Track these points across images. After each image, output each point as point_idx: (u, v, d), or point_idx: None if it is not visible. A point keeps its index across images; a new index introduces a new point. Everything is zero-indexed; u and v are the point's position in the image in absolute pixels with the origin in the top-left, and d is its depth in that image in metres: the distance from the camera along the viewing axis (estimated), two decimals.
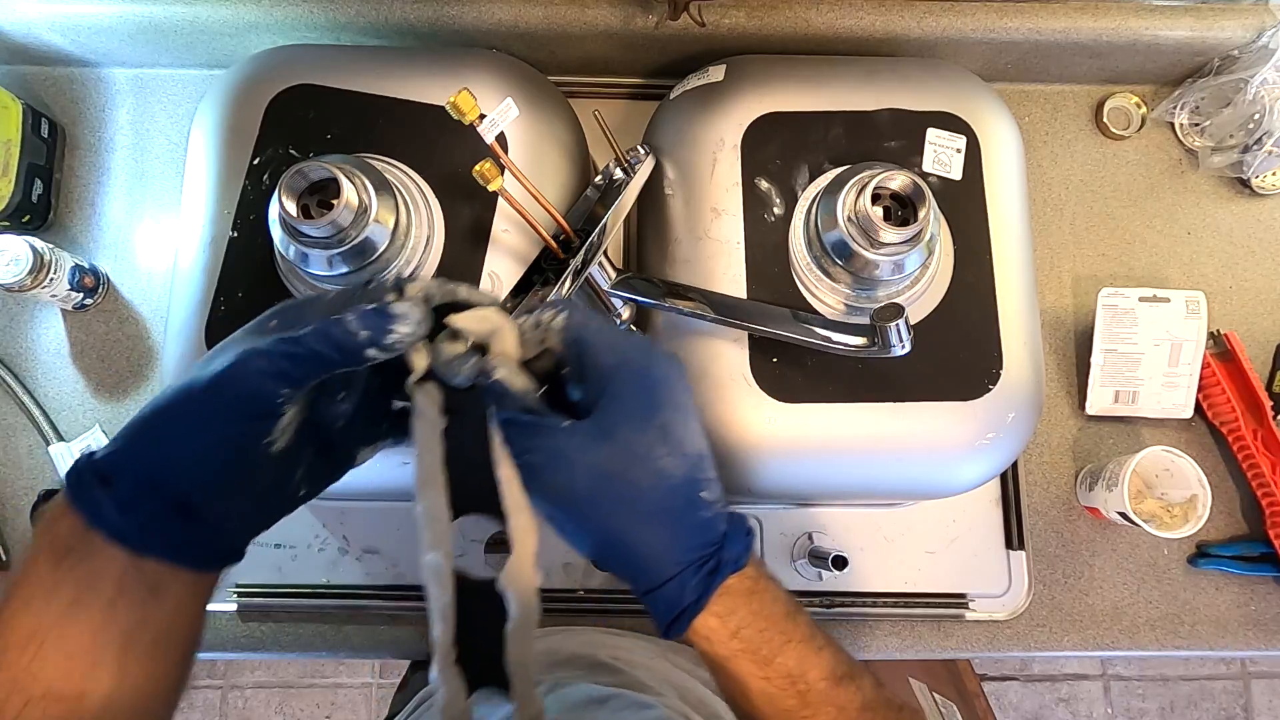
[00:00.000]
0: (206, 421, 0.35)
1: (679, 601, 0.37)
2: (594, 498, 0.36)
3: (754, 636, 0.38)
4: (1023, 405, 0.61)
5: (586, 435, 0.36)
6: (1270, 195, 0.85)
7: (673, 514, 0.37)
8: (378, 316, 0.35)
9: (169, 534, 0.35)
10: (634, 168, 0.65)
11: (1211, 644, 0.78)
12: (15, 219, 0.80)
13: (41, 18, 0.79)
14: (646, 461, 0.36)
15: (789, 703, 0.38)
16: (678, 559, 0.37)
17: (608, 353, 0.38)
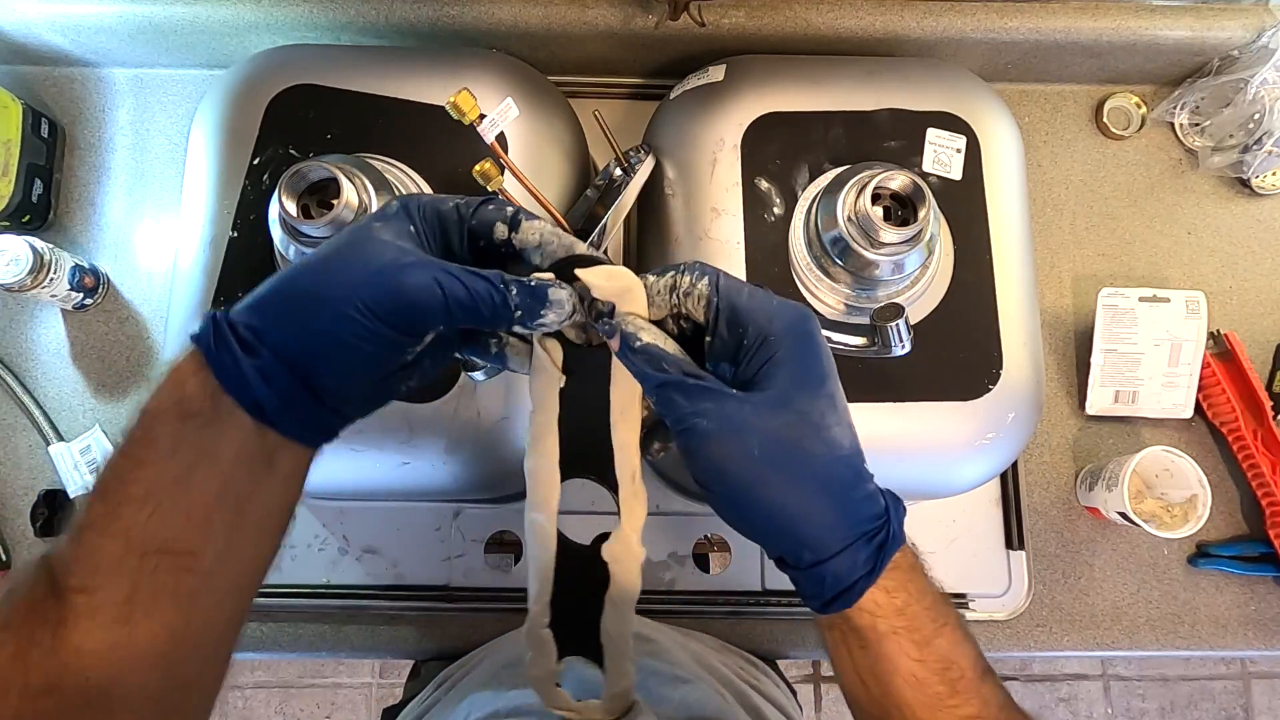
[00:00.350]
0: (362, 320, 0.34)
1: (851, 574, 0.35)
2: (766, 468, 0.35)
3: (919, 614, 0.37)
4: (1023, 405, 0.61)
5: (762, 402, 0.35)
6: (1270, 195, 0.85)
7: (844, 485, 0.36)
8: (534, 298, 0.36)
9: (300, 410, 0.35)
10: (634, 168, 0.65)
11: (1211, 644, 0.78)
12: (15, 219, 0.80)
13: (41, 18, 0.79)
14: (820, 431, 0.35)
15: (938, 689, 0.36)
16: (849, 531, 0.35)
17: (766, 317, 0.36)
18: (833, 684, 1.70)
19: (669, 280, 0.38)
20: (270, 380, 0.34)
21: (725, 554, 0.77)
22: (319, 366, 0.35)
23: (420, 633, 0.76)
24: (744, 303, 0.37)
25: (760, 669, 0.72)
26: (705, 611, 0.76)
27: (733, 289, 0.37)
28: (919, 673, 0.36)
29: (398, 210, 0.37)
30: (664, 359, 0.36)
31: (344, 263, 0.35)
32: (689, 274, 0.38)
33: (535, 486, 0.41)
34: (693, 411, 0.35)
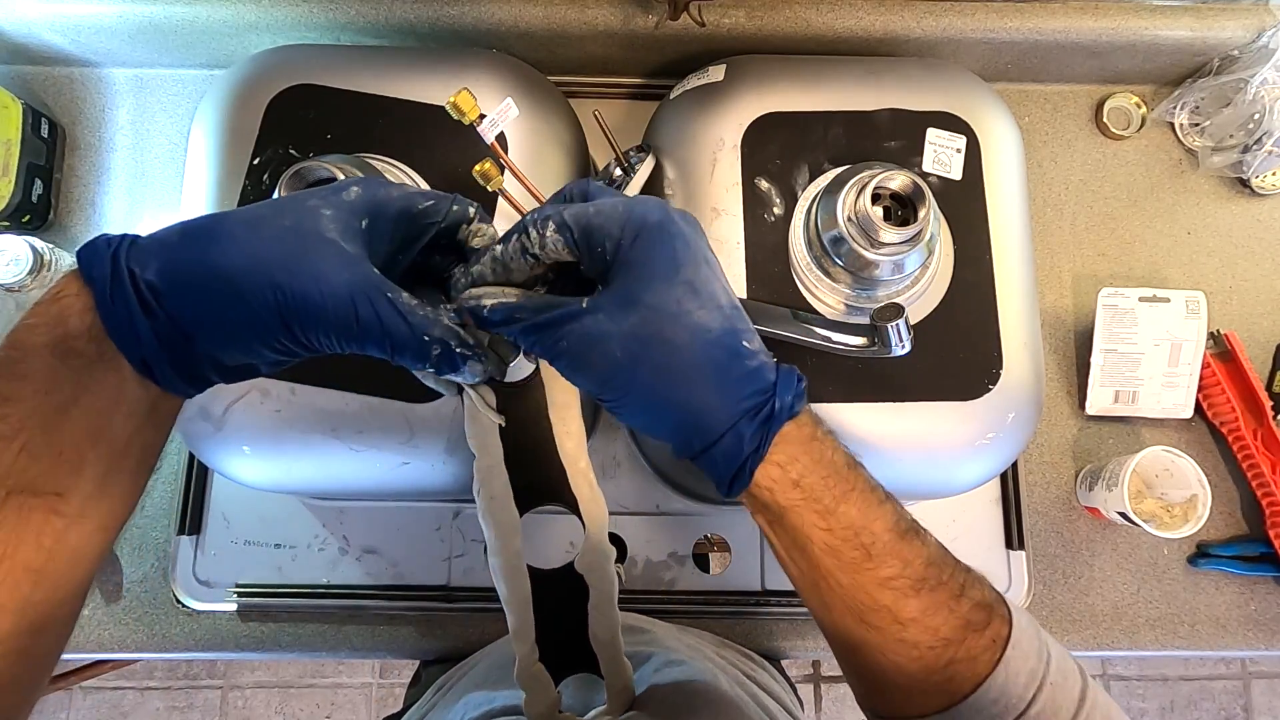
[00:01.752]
0: (279, 331, 0.34)
1: (739, 453, 0.36)
2: (634, 365, 0.35)
3: (816, 484, 0.37)
4: (1023, 405, 0.61)
5: (611, 305, 0.35)
6: (1270, 195, 0.85)
7: (718, 366, 0.36)
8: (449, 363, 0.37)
9: (188, 370, 0.35)
10: (634, 168, 0.65)
11: (1211, 644, 0.78)
12: (15, 219, 0.80)
13: (41, 18, 0.79)
14: (679, 318, 0.35)
15: (852, 555, 0.37)
16: (731, 411, 0.35)
17: (616, 224, 0.36)
18: (833, 684, 1.70)
19: (516, 243, 0.38)
20: (164, 344, 0.33)
21: (725, 554, 0.77)
22: (216, 344, 0.34)
23: (420, 633, 0.76)
24: (591, 220, 0.37)
25: (758, 663, 0.72)
26: (705, 611, 0.76)
27: (579, 214, 0.37)
28: (829, 540, 0.37)
29: (356, 201, 0.36)
30: (514, 310, 0.37)
31: (279, 258, 0.33)
32: (533, 228, 0.38)
33: (494, 531, 0.42)
34: (552, 338, 0.35)
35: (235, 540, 0.77)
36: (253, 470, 0.61)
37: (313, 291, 0.33)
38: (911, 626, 0.36)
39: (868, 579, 0.37)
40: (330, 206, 0.35)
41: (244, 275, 0.33)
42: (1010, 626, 0.37)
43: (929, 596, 0.37)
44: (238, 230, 0.34)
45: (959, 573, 0.38)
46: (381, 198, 0.37)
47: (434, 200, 0.38)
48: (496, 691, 0.55)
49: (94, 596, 0.77)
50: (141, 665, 1.67)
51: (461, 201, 0.39)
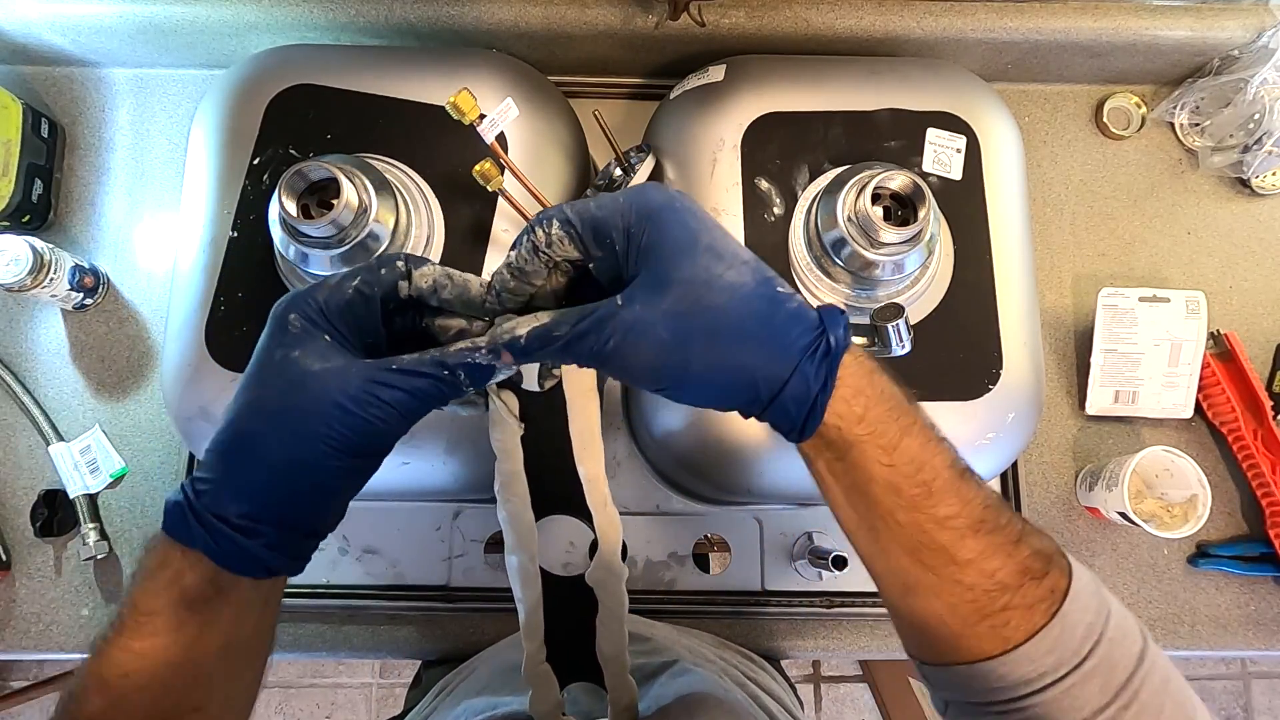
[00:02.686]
0: (341, 467, 0.36)
1: (807, 393, 0.36)
2: (684, 343, 0.35)
3: (881, 417, 0.37)
4: (1023, 405, 0.61)
5: (644, 292, 0.35)
6: (1270, 195, 0.85)
7: (763, 317, 0.36)
8: (479, 374, 0.38)
9: (303, 555, 0.38)
10: (634, 168, 0.65)
11: (1211, 644, 0.78)
12: (15, 219, 0.80)
13: (41, 18, 0.79)
14: (712, 283, 0.35)
15: (913, 491, 0.36)
16: (789, 354, 0.36)
17: (620, 215, 0.37)
18: (833, 684, 1.70)
19: (527, 244, 0.38)
20: (278, 549, 0.36)
21: (725, 554, 0.77)
22: (311, 517, 0.37)
23: (420, 633, 0.76)
24: (595, 214, 0.37)
25: (758, 664, 0.72)
26: (705, 611, 0.76)
27: (581, 210, 0.38)
28: (891, 477, 0.37)
29: (304, 326, 0.37)
30: (551, 329, 0.37)
31: (298, 417, 0.35)
32: (540, 227, 0.38)
33: (512, 531, 0.42)
34: (597, 343, 0.35)
35: None
36: None
37: (343, 418, 0.35)
38: (968, 568, 0.36)
39: (926, 517, 0.37)
40: (289, 344, 0.37)
41: (295, 457, 0.36)
42: (1069, 579, 0.37)
43: (986, 539, 0.37)
44: (258, 427, 0.36)
45: (1017, 520, 0.38)
46: (314, 304, 0.37)
47: (360, 277, 0.38)
48: (498, 697, 0.55)
49: (94, 596, 0.77)
50: None
51: (386, 261, 0.39)
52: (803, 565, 0.76)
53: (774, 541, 0.77)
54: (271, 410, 0.36)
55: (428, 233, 0.60)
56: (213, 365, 0.59)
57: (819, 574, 0.75)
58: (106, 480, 0.78)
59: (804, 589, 0.76)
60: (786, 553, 0.76)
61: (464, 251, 0.61)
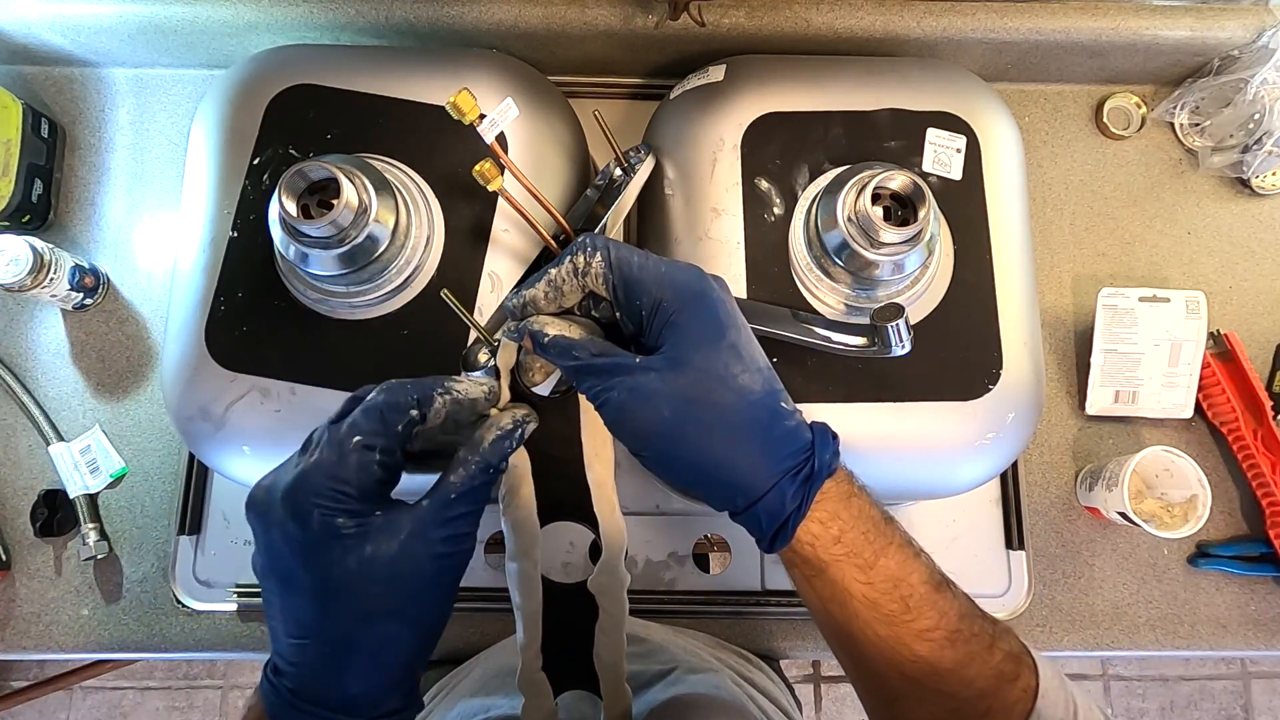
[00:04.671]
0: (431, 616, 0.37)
1: (781, 511, 0.36)
2: (681, 425, 0.36)
3: (857, 540, 0.37)
4: (1023, 405, 0.61)
5: (663, 367, 0.36)
6: (1270, 195, 0.85)
7: (760, 427, 0.37)
8: (504, 440, 0.38)
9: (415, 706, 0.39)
10: (634, 168, 0.65)
11: (1211, 644, 0.78)
12: (15, 219, 0.80)
13: (41, 18, 0.79)
14: (726, 381, 0.36)
15: (891, 607, 0.37)
16: (772, 470, 0.36)
17: (657, 284, 0.38)
18: (833, 684, 1.70)
19: (569, 266, 0.39)
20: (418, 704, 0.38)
21: (725, 554, 0.77)
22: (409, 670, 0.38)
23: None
24: (634, 274, 0.38)
25: (755, 665, 0.72)
26: (705, 611, 0.76)
27: (623, 262, 0.38)
28: (869, 594, 0.37)
29: (357, 525, 0.35)
30: (573, 346, 0.38)
31: (414, 603, 0.36)
32: (583, 251, 0.39)
33: (516, 536, 0.42)
34: (605, 387, 0.36)
35: (235, 540, 0.77)
36: (253, 470, 0.61)
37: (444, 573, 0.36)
38: (948, 678, 0.37)
39: (905, 631, 0.37)
40: (365, 542, 0.35)
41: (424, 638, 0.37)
42: (1037, 677, 0.38)
43: (964, 648, 0.38)
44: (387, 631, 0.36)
45: (988, 624, 0.39)
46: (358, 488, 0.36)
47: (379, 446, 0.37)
48: (492, 699, 0.55)
49: (94, 596, 0.77)
50: (141, 665, 1.67)
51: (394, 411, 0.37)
52: None
53: None
54: (381, 611, 0.35)
55: (428, 233, 0.60)
56: (213, 365, 0.59)
57: None
58: (106, 480, 0.78)
59: None
60: None
61: (464, 252, 0.61)
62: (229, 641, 0.76)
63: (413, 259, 0.59)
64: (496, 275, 0.61)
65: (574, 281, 0.39)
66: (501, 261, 0.61)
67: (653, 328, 0.38)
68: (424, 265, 0.60)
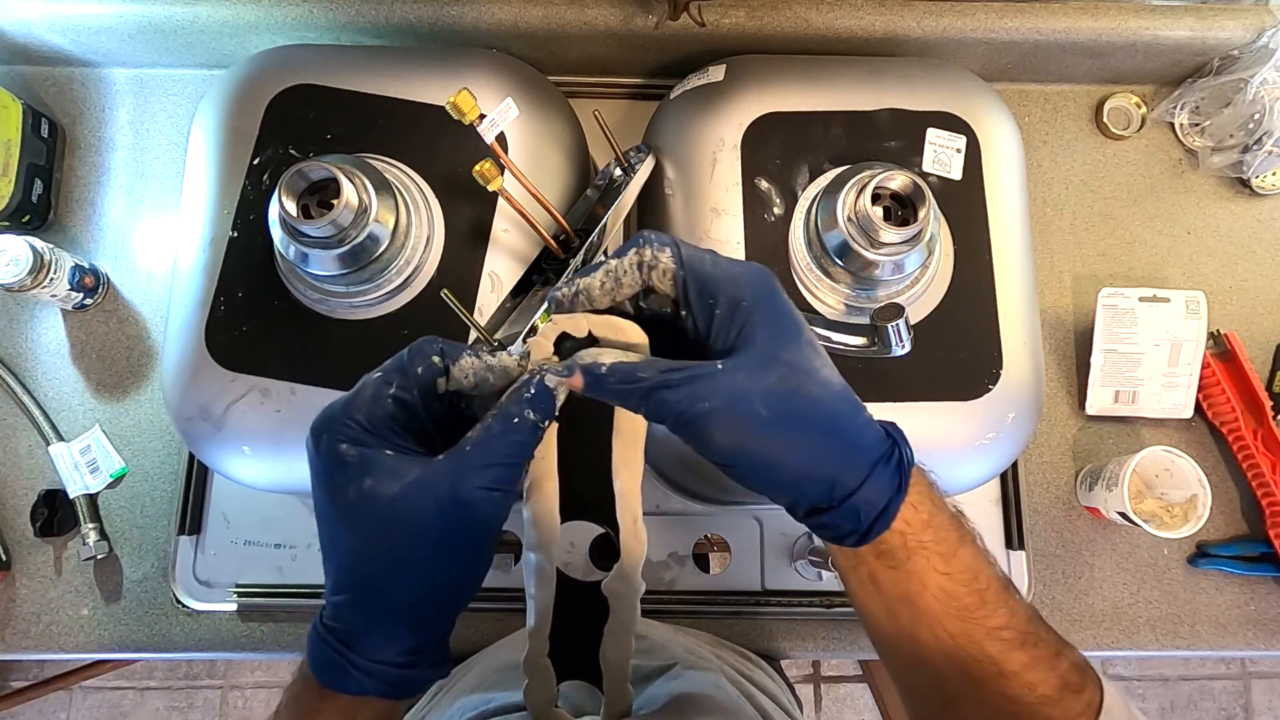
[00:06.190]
0: (462, 570, 0.37)
1: (882, 496, 0.36)
2: (779, 425, 0.35)
3: (944, 524, 0.37)
4: (1023, 405, 0.61)
5: (753, 366, 0.35)
6: (1270, 195, 0.85)
7: (849, 419, 0.36)
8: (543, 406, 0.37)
9: (448, 652, 0.40)
10: (634, 168, 0.65)
11: (1211, 644, 0.78)
12: (15, 219, 0.80)
13: (41, 18, 0.79)
14: (813, 375, 0.36)
15: (968, 600, 0.37)
16: (868, 457, 0.36)
17: (733, 283, 0.37)
18: (833, 684, 1.70)
19: (633, 257, 0.38)
20: (438, 661, 0.39)
21: (725, 554, 0.77)
22: (450, 618, 0.40)
23: None
24: (709, 271, 0.37)
25: (755, 663, 0.72)
26: (705, 611, 0.76)
27: (695, 259, 0.37)
28: (947, 585, 0.37)
29: (361, 453, 0.35)
30: (637, 369, 0.36)
31: (407, 549, 0.35)
32: (649, 245, 0.38)
33: (536, 529, 0.42)
34: (689, 399, 0.35)
35: (235, 540, 0.77)
36: (253, 470, 0.61)
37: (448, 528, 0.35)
38: (1014, 680, 0.36)
39: (977, 627, 0.37)
40: (365, 475, 0.35)
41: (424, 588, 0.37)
42: (1102, 695, 0.37)
43: (1032, 651, 0.37)
44: (376, 571, 0.36)
45: (1053, 633, 0.39)
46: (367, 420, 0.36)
47: (395, 383, 0.37)
48: (492, 694, 0.55)
49: (94, 596, 0.77)
50: (141, 665, 1.67)
51: (418, 355, 0.37)
52: (803, 565, 0.76)
53: (774, 541, 0.77)
54: (378, 552, 0.35)
55: (428, 233, 0.60)
56: (213, 365, 0.59)
57: (819, 574, 0.75)
58: (106, 480, 0.78)
59: (804, 589, 0.76)
60: (787, 553, 0.76)
61: (464, 252, 0.61)
62: (229, 641, 0.76)
63: (413, 259, 0.59)
64: (496, 275, 0.61)
65: (635, 275, 0.38)
66: (501, 261, 0.61)
67: (729, 328, 0.37)
68: (424, 265, 0.60)
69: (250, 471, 0.61)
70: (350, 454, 0.35)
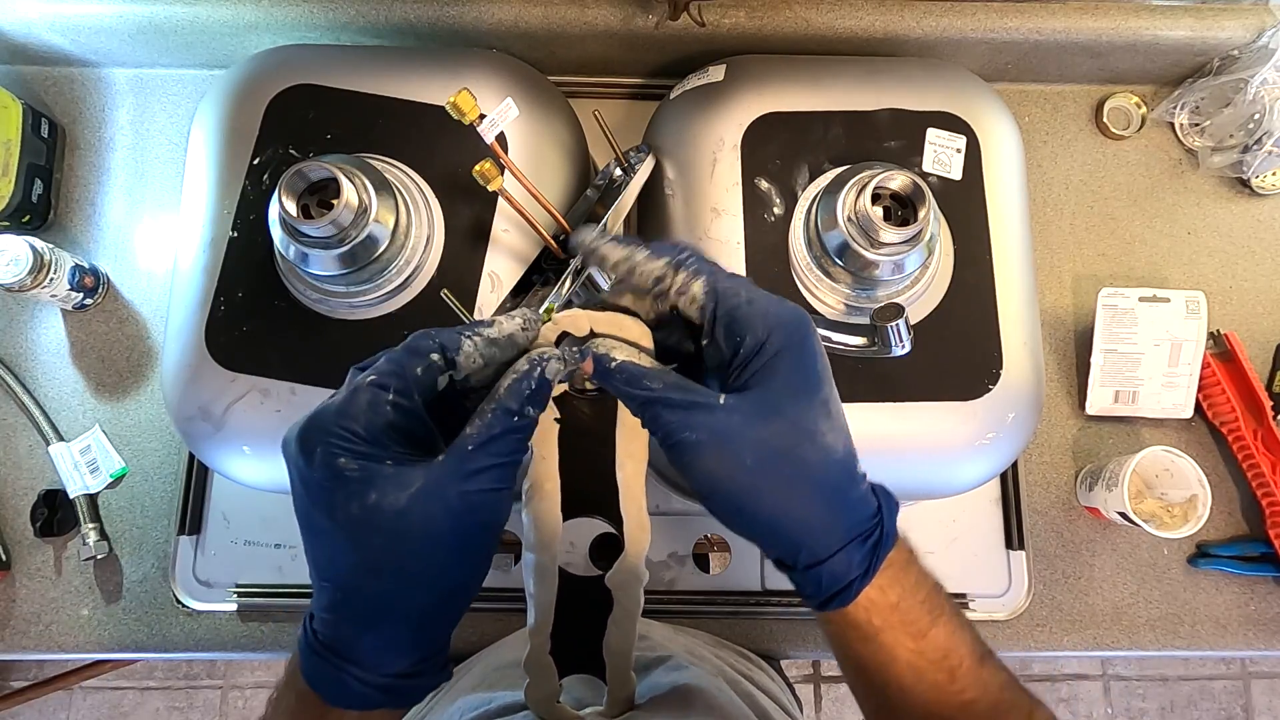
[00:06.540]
0: (472, 576, 0.36)
1: (846, 575, 0.36)
2: (761, 476, 0.34)
3: (913, 608, 0.37)
4: (1023, 405, 0.61)
5: (753, 412, 0.34)
6: (1270, 195, 0.85)
7: (837, 490, 0.35)
8: (537, 399, 0.36)
9: (443, 661, 0.39)
10: (634, 168, 0.65)
11: (1211, 644, 0.78)
12: (15, 219, 0.80)
13: (41, 18, 0.79)
14: (815, 438, 0.35)
15: (938, 677, 0.37)
16: (844, 533, 0.35)
17: (764, 324, 0.35)
18: (833, 684, 1.70)
19: (664, 270, 0.37)
20: (441, 669, 0.38)
21: (725, 554, 0.77)
22: (453, 625, 0.38)
23: None
24: (743, 310, 0.36)
25: (755, 663, 0.72)
26: (705, 611, 0.76)
27: (729, 294, 0.36)
28: (917, 662, 0.37)
29: (361, 466, 0.33)
30: (644, 375, 0.36)
31: (418, 562, 0.34)
32: (684, 270, 0.37)
33: (537, 529, 0.42)
34: (681, 425, 0.34)
35: (235, 540, 0.77)
36: (253, 470, 0.61)
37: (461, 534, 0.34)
38: None
39: (948, 701, 0.37)
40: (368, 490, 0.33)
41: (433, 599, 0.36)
42: None
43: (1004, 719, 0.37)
44: (385, 587, 0.34)
45: (1027, 696, 0.39)
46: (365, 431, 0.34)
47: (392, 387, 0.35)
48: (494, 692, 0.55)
49: (94, 596, 0.77)
50: (141, 665, 1.67)
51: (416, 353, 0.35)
52: None
53: None
54: (386, 567, 0.33)
55: (428, 233, 0.60)
56: (213, 365, 0.59)
57: None
58: (106, 480, 0.78)
59: None
60: None
61: (464, 252, 0.61)
62: (229, 641, 0.76)
63: (413, 259, 0.59)
64: (496, 275, 0.61)
65: (655, 302, 0.37)
66: (501, 261, 0.61)
67: (748, 367, 0.35)
68: (424, 265, 0.60)
69: (250, 471, 0.61)
70: (350, 468, 0.33)
